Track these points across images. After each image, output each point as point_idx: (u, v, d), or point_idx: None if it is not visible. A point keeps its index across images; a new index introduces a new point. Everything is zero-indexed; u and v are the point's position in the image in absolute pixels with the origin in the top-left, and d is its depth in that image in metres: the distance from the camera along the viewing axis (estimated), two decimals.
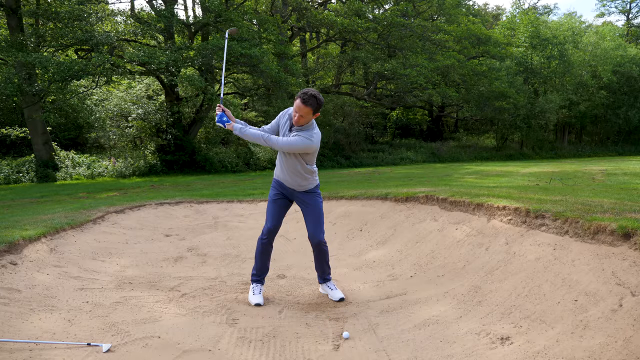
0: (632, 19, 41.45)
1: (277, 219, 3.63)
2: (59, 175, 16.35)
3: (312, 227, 3.60)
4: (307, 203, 3.62)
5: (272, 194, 3.69)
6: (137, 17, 17.74)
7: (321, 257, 3.66)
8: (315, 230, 3.58)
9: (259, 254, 3.64)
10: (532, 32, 28.27)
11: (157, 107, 19.18)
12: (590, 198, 4.77)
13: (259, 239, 3.65)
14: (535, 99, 27.40)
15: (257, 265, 3.64)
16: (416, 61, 21.42)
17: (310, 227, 3.61)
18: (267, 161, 20.57)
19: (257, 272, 3.64)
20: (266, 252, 3.64)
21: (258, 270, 3.64)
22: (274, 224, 3.61)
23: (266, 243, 3.62)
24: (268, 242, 3.62)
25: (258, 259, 3.64)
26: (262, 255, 3.63)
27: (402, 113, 31.70)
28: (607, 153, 28.74)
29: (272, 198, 3.66)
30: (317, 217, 3.61)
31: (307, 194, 3.62)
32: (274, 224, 3.61)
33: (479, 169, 16.00)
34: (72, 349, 2.63)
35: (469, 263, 3.88)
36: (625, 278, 2.65)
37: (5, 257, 3.77)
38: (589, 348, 2.26)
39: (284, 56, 19.50)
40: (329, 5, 25.58)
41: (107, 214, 6.11)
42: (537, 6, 42.40)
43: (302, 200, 3.63)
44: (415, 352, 2.66)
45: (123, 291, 3.69)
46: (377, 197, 6.52)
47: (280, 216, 3.65)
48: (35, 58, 13.78)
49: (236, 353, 2.69)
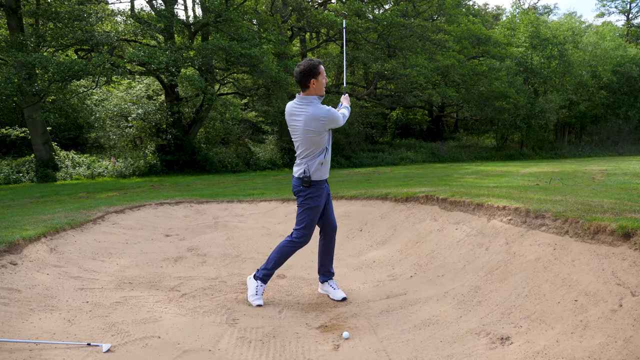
0: (632, 19, 41.47)
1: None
2: (59, 175, 16.35)
3: (333, 214, 3.71)
4: (329, 192, 3.67)
5: (321, 205, 3.52)
6: (137, 17, 17.73)
7: (331, 248, 3.70)
8: (334, 218, 3.73)
9: (285, 256, 3.57)
10: (532, 32, 28.28)
11: (157, 107, 19.18)
12: (590, 198, 4.77)
13: (296, 243, 3.52)
14: (535, 99, 27.40)
15: (275, 266, 3.58)
16: (416, 61, 21.42)
17: (332, 215, 3.69)
18: (267, 161, 20.57)
19: (271, 273, 3.58)
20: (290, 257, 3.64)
21: (273, 271, 3.59)
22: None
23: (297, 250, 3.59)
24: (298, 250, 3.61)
25: (281, 262, 3.58)
26: (285, 259, 3.59)
27: (402, 113, 31.71)
28: (607, 153, 28.72)
29: (320, 210, 3.54)
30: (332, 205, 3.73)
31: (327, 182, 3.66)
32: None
33: (479, 169, 16.00)
34: (72, 349, 2.63)
35: (469, 263, 3.88)
36: (625, 278, 2.65)
37: (5, 257, 3.77)
38: (589, 348, 2.26)
39: (284, 56, 19.49)
40: (329, 5, 25.57)
41: (107, 214, 6.11)
42: (537, 6, 42.45)
43: (328, 190, 3.65)
44: (415, 352, 2.66)
45: (123, 291, 3.69)
46: (377, 197, 6.52)
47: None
48: (35, 58, 13.79)
49: (236, 353, 2.69)
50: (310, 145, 3.38)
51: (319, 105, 3.35)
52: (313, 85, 3.33)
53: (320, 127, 3.33)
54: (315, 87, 3.35)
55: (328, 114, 3.32)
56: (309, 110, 3.32)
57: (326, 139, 3.42)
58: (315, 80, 3.33)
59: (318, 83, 3.34)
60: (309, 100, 3.35)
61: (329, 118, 3.33)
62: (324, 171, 3.48)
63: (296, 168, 3.50)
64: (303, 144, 3.39)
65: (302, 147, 3.41)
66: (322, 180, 3.49)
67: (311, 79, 3.32)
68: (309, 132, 3.34)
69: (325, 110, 3.32)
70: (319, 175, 3.45)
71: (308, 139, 3.36)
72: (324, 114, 3.31)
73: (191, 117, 19.87)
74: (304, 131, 3.35)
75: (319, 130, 3.33)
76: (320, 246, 3.71)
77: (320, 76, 3.35)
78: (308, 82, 3.32)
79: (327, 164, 3.48)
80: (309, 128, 3.33)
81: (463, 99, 26.05)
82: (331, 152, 3.55)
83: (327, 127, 3.37)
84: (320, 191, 3.47)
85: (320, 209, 3.52)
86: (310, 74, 3.30)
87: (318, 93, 3.38)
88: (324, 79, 3.38)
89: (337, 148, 23.20)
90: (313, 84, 3.33)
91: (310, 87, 3.34)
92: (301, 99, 3.38)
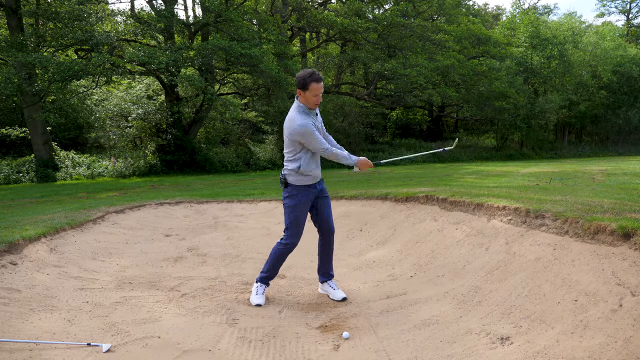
0: (632, 19, 41.46)
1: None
2: (59, 175, 16.36)
3: (330, 217, 3.67)
4: (325, 195, 3.64)
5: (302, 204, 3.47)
6: (137, 17, 17.74)
7: (330, 250, 3.70)
8: (332, 221, 3.69)
9: (278, 258, 3.58)
10: (532, 32, 28.27)
11: (157, 107, 19.19)
12: (590, 198, 4.77)
13: (285, 244, 3.54)
14: (535, 99, 27.39)
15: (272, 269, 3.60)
16: (416, 61, 21.42)
17: (329, 218, 3.66)
18: (267, 161, 20.58)
19: (270, 275, 3.61)
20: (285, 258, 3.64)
21: (271, 273, 3.61)
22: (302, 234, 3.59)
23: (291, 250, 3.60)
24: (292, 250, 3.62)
25: (276, 264, 3.60)
26: (281, 261, 3.60)
27: (402, 113, 31.69)
28: (607, 153, 28.72)
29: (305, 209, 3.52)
30: (330, 207, 3.69)
31: (323, 183, 3.64)
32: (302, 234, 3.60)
33: (479, 169, 16.00)
34: (72, 349, 2.63)
35: (469, 263, 3.88)
36: (625, 278, 2.65)
37: (5, 257, 3.77)
38: (589, 348, 2.26)
39: (284, 56, 19.50)
40: (329, 5, 25.58)
41: (107, 214, 6.11)
42: (537, 6, 42.42)
43: (322, 191, 3.62)
44: (415, 352, 2.66)
45: (123, 291, 3.69)
46: (377, 197, 6.52)
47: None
48: (35, 58, 13.79)
49: (236, 353, 2.69)
50: (287, 147, 3.43)
51: (300, 115, 3.34)
52: (300, 94, 3.36)
53: (291, 135, 3.34)
54: (302, 97, 3.36)
55: (298, 128, 3.28)
56: (290, 114, 3.37)
57: (300, 150, 3.39)
58: (301, 92, 3.34)
59: (304, 96, 3.34)
60: (296, 105, 3.40)
61: (298, 132, 3.29)
62: (299, 178, 3.43)
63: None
64: (285, 144, 3.46)
65: (284, 147, 3.48)
66: (301, 186, 3.46)
67: (298, 89, 3.35)
68: (285, 135, 3.40)
69: (297, 124, 3.29)
70: (292, 180, 3.44)
71: (285, 141, 3.43)
72: (295, 126, 3.29)
73: (191, 117, 19.87)
74: (284, 131, 3.42)
75: (290, 137, 3.36)
76: (319, 248, 3.73)
77: (309, 92, 3.30)
78: (296, 90, 3.37)
79: (305, 173, 3.42)
80: (285, 130, 3.39)
81: (463, 99, 26.04)
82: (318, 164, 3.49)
83: (296, 139, 3.33)
84: (299, 192, 3.45)
85: (301, 209, 3.48)
86: (299, 84, 3.33)
87: (305, 104, 3.39)
88: (313, 96, 3.31)
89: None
90: (299, 94, 3.36)
91: (299, 95, 3.38)
92: (295, 101, 3.44)
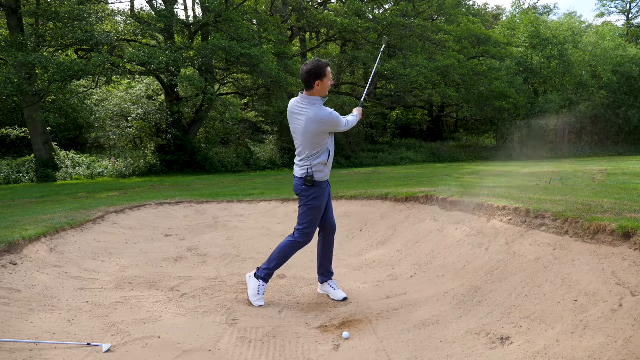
0: (632, 19, 41.44)
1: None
2: (59, 175, 16.35)
3: (333, 215, 3.70)
4: (330, 193, 3.65)
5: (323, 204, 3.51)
6: (137, 17, 17.74)
7: (331, 248, 3.70)
8: (334, 219, 3.73)
9: (287, 255, 3.56)
10: (532, 32, 28.28)
11: (157, 107, 19.19)
12: (590, 198, 4.77)
13: (299, 243, 3.52)
14: (535, 99, 27.41)
15: (277, 266, 3.58)
16: (416, 61, 21.43)
17: (333, 216, 3.69)
18: (267, 161, 20.57)
19: (272, 271, 3.58)
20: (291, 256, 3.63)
21: (274, 269, 3.58)
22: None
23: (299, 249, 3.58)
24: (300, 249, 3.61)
25: (282, 260, 3.57)
26: (287, 257, 3.58)
27: (402, 113, 31.70)
28: (607, 153, 28.70)
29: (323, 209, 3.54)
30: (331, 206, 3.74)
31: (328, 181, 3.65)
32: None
33: (479, 169, 15.99)
34: (72, 349, 2.63)
35: (469, 263, 3.88)
36: (625, 278, 2.65)
37: (5, 257, 3.77)
38: (589, 348, 2.26)
39: (284, 56, 19.49)
40: (329, 5, 25.58)
41: (107, 214, 6.11)
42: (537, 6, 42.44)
43: (329, 190, 3.64)
44: (415, 352, 2.66)
45: (123, 291, 3.69)
46: (377, 197, 6.52)
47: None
48: (35, 58, 13.79)
49: (236, 353, 2.69)
50: (312, 146, 3.36)
51: (322, 107, 3.34)
52: (317, 86, 3.33)
53: (321, 128, 3.32)
54: (320, 88, 3.34)
55: (330, 116, 3.31)
56: (311, 111, 3.31)
57: (328, 141, 3.41)
58: (320, 82, 3.32)
59: (323, 85, 3.34)
60: (312, 101, 3.34)
61: (330, 121, 3.32)
62: (326, 172, 3.48)
63: (298, 168, 3.48)
64: (304, 145, 3.39)
65: (303, 147, 3.40)
66: (324, 181, 3.50)
67: (316, 80, 3.31)
68: (310, 133, 3.33)
69: (327, 113, 3.32)
70: (321, 176, 3.45)
71: (309, 140, 3.35)
72: (325, 115, 3.30)
73: (191, 117, 19.87)
74: (305, 132, 3.34)
75: (319, 132, 3.32)
76: (319, 246, 3.71)
77: (326, 78, 3.34)
78: (313, 83, 3.31)
79: (329, 165, 3.48)
80: (310, 129, 3.32)
81: (463, 99, 26.05)
82: (334, 152, 3.55)
83: (328, 129, 3.36)
84: (322, 191, 3.47)
85: (322, 209, 3.52)
86: (317, 75, 3.30)
87: (321, 94, 3.38)
88: (329, 82, 3.37)
89: (337, 148, 23.19)
90: (318, 85, 3.33)
91: (314, 88, 3.33)
92: (304, 98, 3.37)
